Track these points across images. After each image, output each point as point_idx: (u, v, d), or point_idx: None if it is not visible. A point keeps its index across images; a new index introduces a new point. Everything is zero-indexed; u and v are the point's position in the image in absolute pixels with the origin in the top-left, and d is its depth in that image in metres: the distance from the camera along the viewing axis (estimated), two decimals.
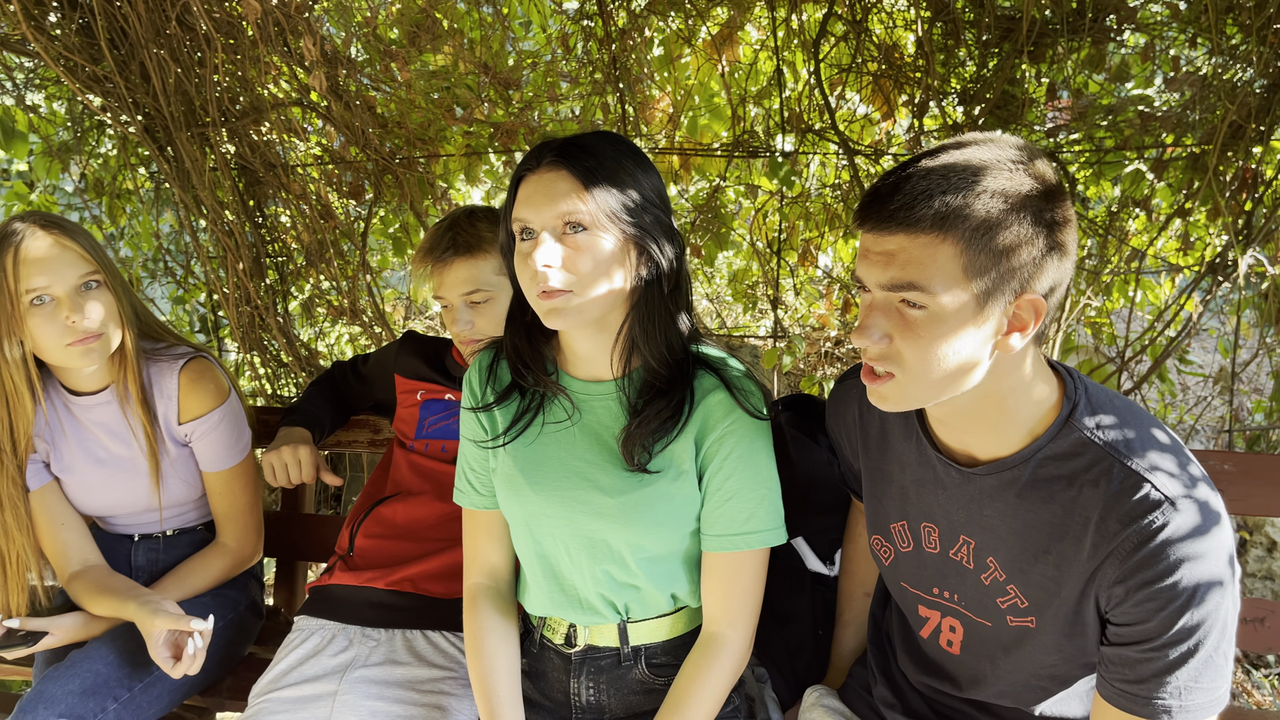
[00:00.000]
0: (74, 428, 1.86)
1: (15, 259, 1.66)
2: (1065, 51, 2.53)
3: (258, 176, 3.19)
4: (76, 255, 1.71)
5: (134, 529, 1.99)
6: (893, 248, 1.10)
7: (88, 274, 1.72)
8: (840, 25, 2.81)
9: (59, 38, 2.80)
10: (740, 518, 1.40)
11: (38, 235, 1.68)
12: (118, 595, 1.75)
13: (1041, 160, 1.11)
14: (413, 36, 2.99)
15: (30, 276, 1.66)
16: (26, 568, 1.83)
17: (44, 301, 1.68)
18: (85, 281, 1.72)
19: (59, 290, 1.68)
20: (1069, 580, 1.19)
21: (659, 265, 1.34)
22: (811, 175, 3.30)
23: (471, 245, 1.77)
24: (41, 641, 1.75)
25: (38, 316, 1.68)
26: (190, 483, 1.94)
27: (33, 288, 1.67)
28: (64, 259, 1.69)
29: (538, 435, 1.47)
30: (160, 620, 1.66)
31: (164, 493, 1.91)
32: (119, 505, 1.92)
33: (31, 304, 1.68)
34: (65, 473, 1.87)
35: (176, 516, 1.99)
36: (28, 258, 1.66)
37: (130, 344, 1.80)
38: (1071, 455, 1.17)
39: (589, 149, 1.31)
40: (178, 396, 1.86)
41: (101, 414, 1.85)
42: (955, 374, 1.13)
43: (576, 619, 1.50)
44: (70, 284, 1.69)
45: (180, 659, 1.65)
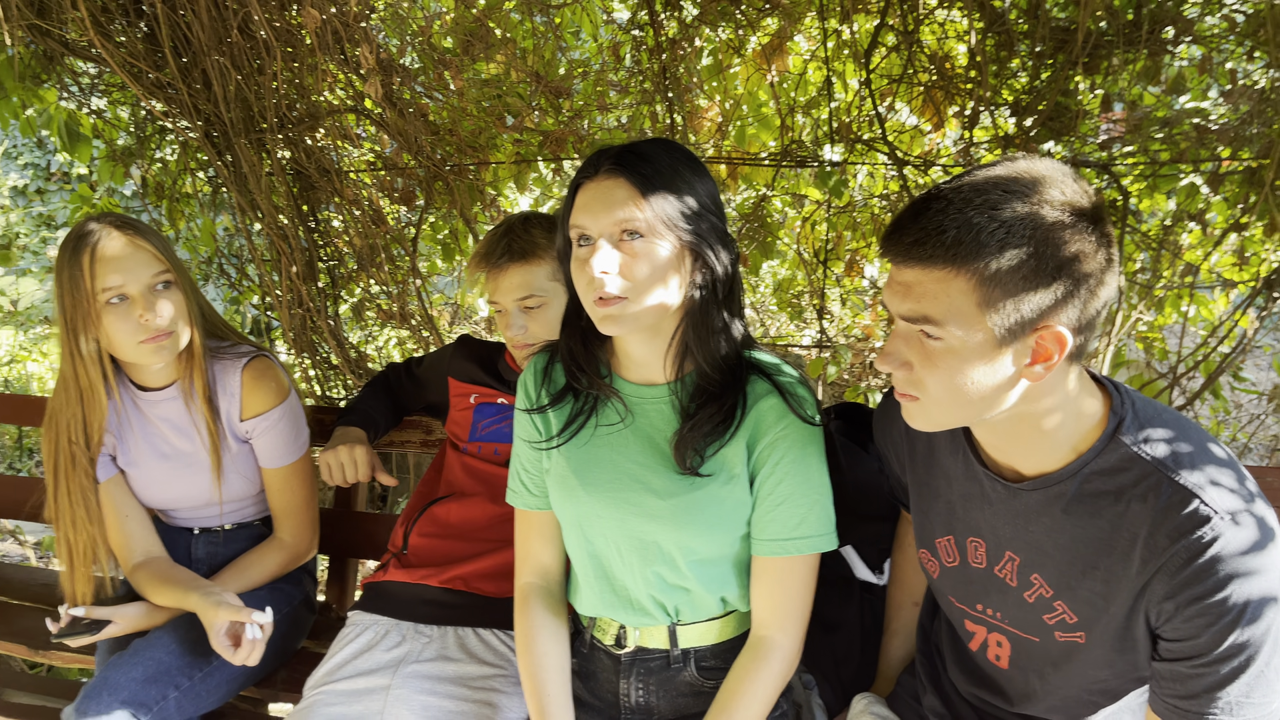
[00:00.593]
0: (140, 422, 1.91)
1: (92, 258, 1.71)
2: (1120, 63, 2.51)
3: (312, 182, 3.25)
4: (150, 255, 1.76)
5: (194, 522, 2.04)
6: (910, 280, 1.11)
7: (160, 273, 1.77)
8: (891, 36, 2.81)
9: (124, 44, 2.87)
10: (791, 523, 1.41)
11: (113, 235, 1.73)
12: (180, 586, 1.80)
13: (1071, 186, 1.09)
14: (466, 45, 3.04)
15: (106, 275, 1.71)
16: (94, 559, 1.88)
17: (119, 300, 1.73)
18: (158, 281, 1.77)
19: (133, 289, 1.73)
20: (1118, 596, 1.18)
21: (714, 271, 1.36)
22: (859, 185, 3.30)
23: (526, 251, 1.80)
24: (105, 630, 1.80)
25: (113, 314, 1.73)
26: (250, 479, 1.99)
27: (109, 286, 1.72)
28: (138, 259, 1.74)
29: (591, 437, 1.49)
30: (222, 611, 1.70)
31: (224, 488, 1.95)
32: (181, 499, 1.97)
33: (107, 302, 1.73)
34: (131, 466, 1.92)
35: (236, 511, 2.04)
36: (104, 257, 1.71)
37: (197, 342, 1.85)
38: (1118, 470, 1.17)
39: (646, 156, 1.33)
40: (240, 394, 1.90)
41: (167, 409, 1.90)
42: (979, 401, 1.14)
43: (627, 620, 1.51)
44: (144, 283, 1.74)
45: (240, 648, 1.69)
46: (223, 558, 2.03)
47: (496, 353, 2.05)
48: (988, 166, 1.12)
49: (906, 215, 1.12)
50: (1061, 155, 2.64)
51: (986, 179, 1.09)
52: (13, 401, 2.63)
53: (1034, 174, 1.09)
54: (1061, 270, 1.06)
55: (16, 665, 2.80)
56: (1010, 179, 1.08)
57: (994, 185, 1.08)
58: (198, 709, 1.76)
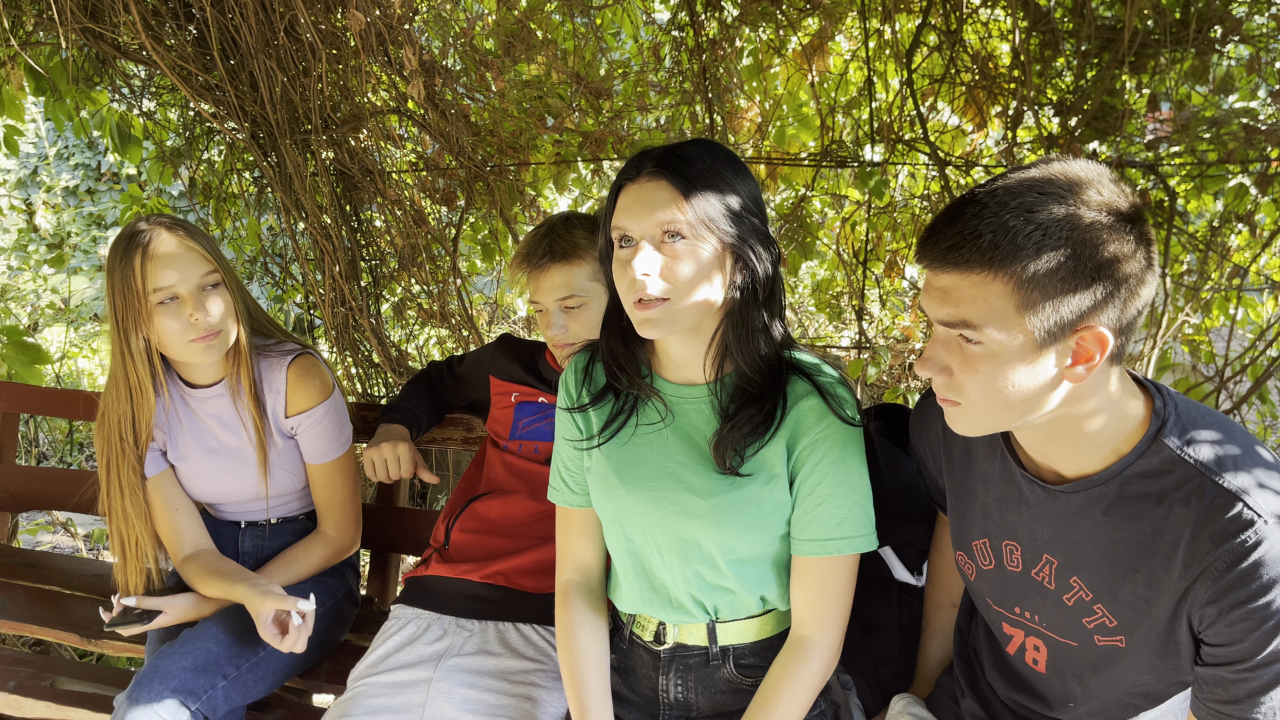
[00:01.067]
0: (189, 419, 1.95)
1: (144, 258, 1.75)
2: (1168, 62, 2.48)
3: (355, 182, 3.30)
4: (199, 255, 1.79)
5: (241, 516, 2.08)
6: (947, 285, 1.11)
7: (209, 273, 1.80)
8: (934, 35, 2.79)
9: (174, 48, 2.93)
10: (831, 523, 1.41)
11: (164, 236, 1.77)
12: (227, 578, 1.84)
13: (1109, 187, 1.08)
14: (508, 46, 3.06)
15: (158, 275, 1.75)
16: (143, 552, 1.92)
17: (170, 300, 1.77)
18: (207, 281, 1.80)
19: (184, 289, 1.77)
20: (1160, 600, 1.17)
21: (755, 272, 1.36)
22: (900, 186, 3.28)
23: (567, 252, 1.81)
24: (155, 620, 1.85)
25: (163, 314, 1.77)
26: (295, 474, 2.03)
27: (160, 286, 1.75)
28: (189, 259, 1.78)
29: (631, 436, 1.50)
30: (269, 601, 1.74)
31: (271, 482, 1.99)
32: (229, 493, 2.01)
33: (159, 302, 1.77)
34: (180, 461, 1.96)
35: (281, 505, 2.08)
36: (155, 257, 1.75)
37: (244, 340, 1.89)
38: (1160, 473, 1.16)
39: (688, 158, 1.34)
40: (286, 391, 1.94)
41: (215, 406, 1.94)
42: (1021, 404, 1.13)
43: (666, 617, 1.52)
44: (194, 283, 1.78)
45: (286, 635, 1.73)
46: (269, 551, 2.07)
47: (537, 352, 2.07)
48: (1023, 169, 1.11)
49: (941, 220, 1.12)
50: (1107, 156, 2.61)
51: (1021, 181, 1.09)
52: (63, 396, 2.70)
53: (1069, 175, 1.09)
54: (1100, 271, 1.06)
55: (69, 654, 2.87)
56: (1045, 181, 1.08)
57: (1029, 188, 1.07)
58: (244, 698, 1.80)
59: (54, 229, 9.94)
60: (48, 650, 2.93)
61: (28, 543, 4.28)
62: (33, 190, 10.20)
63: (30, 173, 10.23)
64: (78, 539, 4.31)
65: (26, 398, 2.71)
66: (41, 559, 2.55)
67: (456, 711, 1.60)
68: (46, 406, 2.70)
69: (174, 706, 1.66)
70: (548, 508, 1.84)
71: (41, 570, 2.48)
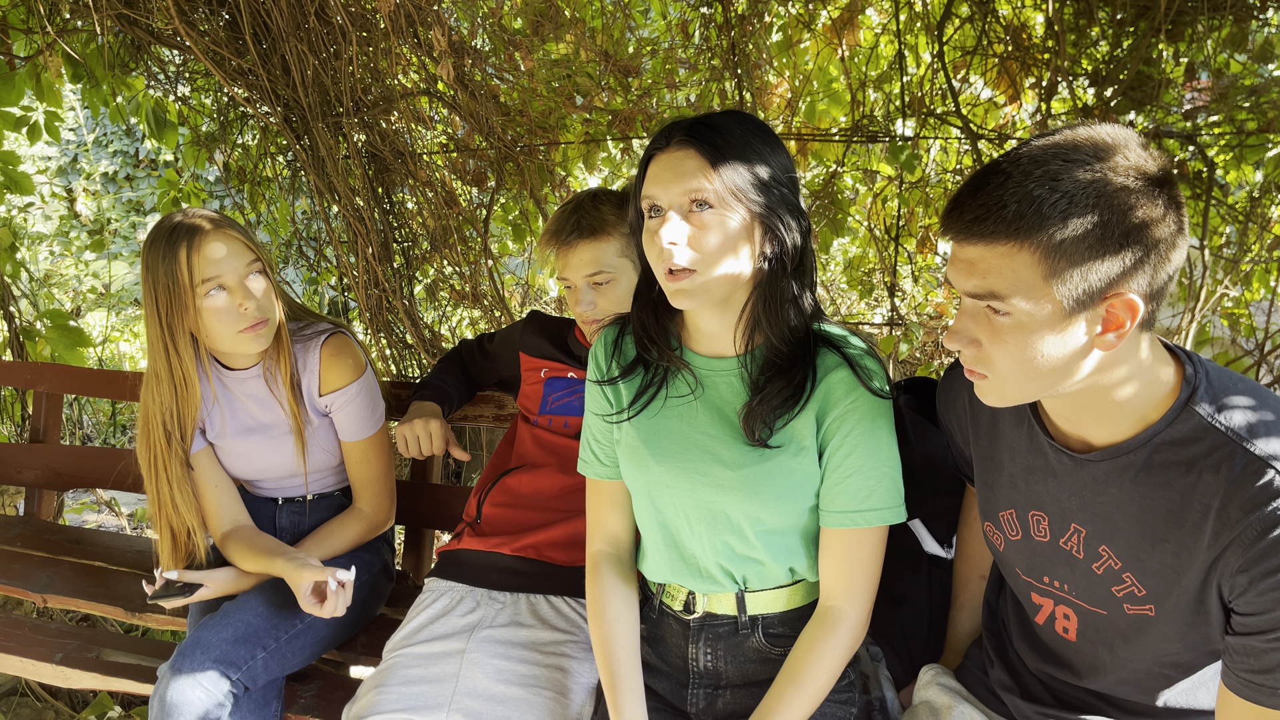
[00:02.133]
0: (227, 399, 1.99)
1: (189, 250, 1.77)
2: (1205, 30, 2.43)
3: (386, 164, 3.32)
4: (242, 245, 1.82)
5: (279, 493, 2.12)
6: (973, 256, 1.10)
7: (252, 262, 1.83)
8: (966, 6, 2.76)
9: (207, 33, 2.97)
10: (860, 495, 1.41)
11: (206, 229, 1.79)
12: (267, 553, 1.88)
13: (1136, 151, 1.07)
14: (536, 26, 3.06)
15: (205, 267, 1.77)
16: (195, 541, 1.96)
17: (218, 291, 1.79)
18: (250, 270, 1.83)
19: (231, 279, 1.80)
20: (1189, 568, 1.17)
21: (784, 243, 1.36)
22: (932, 160, 3.25)
23: (595, 228, 1.82)
24: (197, 593, 1.89)
25: (212, 305, 1.80)
26: (330, 451, 2.06)
27: (208, 277, 1.78)
28: (234, 248, 1.81)
29: (661, 408, 1.51)
30: (307, 574, 1.78)
31: (308, 460, 2.03)
32: (266, 470, 2.05)
33: (207, 294, 1.79)
34: (219, 439, 2.00)
35: (318, 481, 2.11)
36: (201, 250, 1.77)
37: (283, 323, 1.93)
38: (1190, 441, 1.15)
39: (718, 128, 1.34)
40: (319, 370, 1.97)
41: (251, 387, 1.98)
42: (1050, 374, 1.13)
43: (695, 586, 1.53)
44: (240, 272, 1.81)
45: (325, 603, 1.77)
46: (306, 526, 2.10)
47: (566, 328, 2.08)
48: (1046, 134, 1.10)
49: (965, 191, 1.11)
50: (1144, 126, 2.57)
51: (1045, 149, 1.07)
52: (105, 377, 2.75)
53: (1095, 140, 1.07)
54: (1129, 237, 1.05)
55: (114, 627, 2.94)
56: (1070, 147, 1.07)
57: (1053, 155, 1.06)
58: (284, 668, 1.84)
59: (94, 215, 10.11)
60: (94, 624, 3.00)
61: (73, 521, 4.38)
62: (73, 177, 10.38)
63: (70, 160, 10.40)
64: (121, 517, 4.40)
65: (69, 379, 2.77)
66: (87, 535, 2.62)
67: (489, 682, 1.62)
68: (89, 387, 2.76)
69: (215, 676, 1.70)
70: (577, 481, 1.86)
71: (87, 547, 2.54)
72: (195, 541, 1.97)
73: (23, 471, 2.77)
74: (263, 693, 1.82)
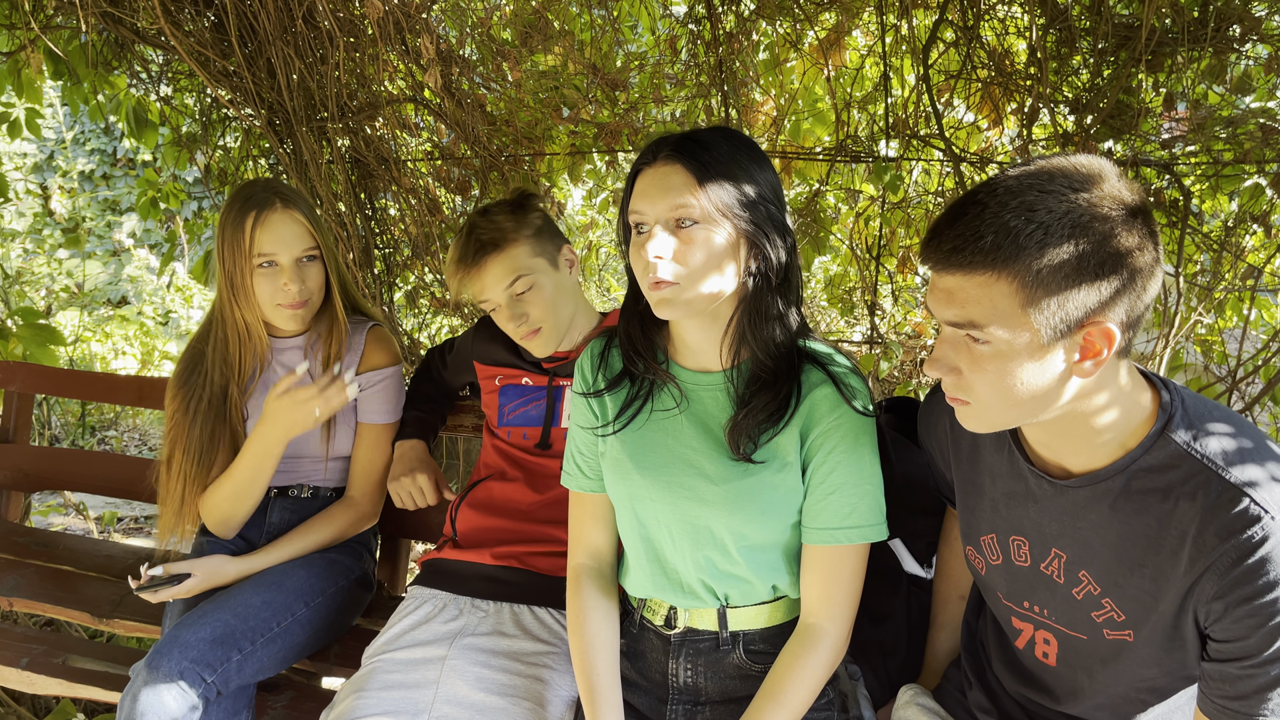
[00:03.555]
0: (265, 364, 2.06)
1: (255, 223, 1.89)
2: (1185, 61, 2.47)
3: (370, 170, 3.31)
4: (304, 230, 1.93)
5: (284, 478, 2.12)
6: (951, 286, 1.11)
7: (310, 248, 1.95)
8: (951, 31, 2.79)
9: (192, 33, 2.95)
10: (842, 512, 1.42)
11: (276, 208, 1.90)
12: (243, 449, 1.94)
13: (1111, 182, 1.08)
14: (525, 37, 3.07)
15: (263, 243, 1.89)
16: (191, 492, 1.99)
17: (269, 265, 1.91)
18: (305, 254, 1.94)
19: (284, 259, 1.92)
20: (1166, 594, 1.18)
21: (770, 260, 1.37)
22: (914, 181, 3.28)
23: (497, 240, 1.81)
24: (184, 583, 1.88)
25: (261, 276, 1.92)
26: (343, 441, 2.11)
27: (263, 252, 1.90)
28: (294, 231, 1.92)
29: (646, 421, 1.51)
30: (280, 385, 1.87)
31: (332, 440, 2.08)
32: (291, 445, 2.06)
33: (258, 265, 1.91)
34: (250, 401, 2.05)
35: (332, 471, 2.14)
36: (265, 225, 1.89)
37: (339, 306, 2.02)
38: (1167, 468, 1.16)
39: (705, 144, 1.34)
40: (363, 350, 2.07)
41: (290, 357, 2.07)
42: (1030, 401, 1.14)
43: (677, 602, 1.53)
44: (294, 254, 1.92)
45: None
46: (294, 524, 2.09)
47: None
48: (1023, 164, 1.11)
49: (943, 221, 1.12)
50: (1122, 154, 2.61)
51: (1021, 179, 1.08)
52: (78, 378, 2.72)
53: (1070, 170, 1.08)
54: (1106, 266, 1.06)
55: (79, 633, 2.90)
56: (1046, 177, 1.08)
57: (1029, 185, 1.07)
58: (256, 673, 1.81)
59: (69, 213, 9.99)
60: (58, 628, 2.95)
61: (39, 524, 4.31)
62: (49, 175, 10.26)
63: (47, 157, 10.29)
64: (89, 520, 4.34)
65: (41, 378, 2.73)
66: (54, 539, 2.58)
67: (469, 689, 1.61)
68: (61, 387, 2.72)
69: (192, 677, 1.68)
70: (551, 496, 1.86)
71: (54, 550, 2.50)
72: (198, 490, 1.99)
73: None
74: (233, 700, 1.80)
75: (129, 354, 6.77)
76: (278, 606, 1.86)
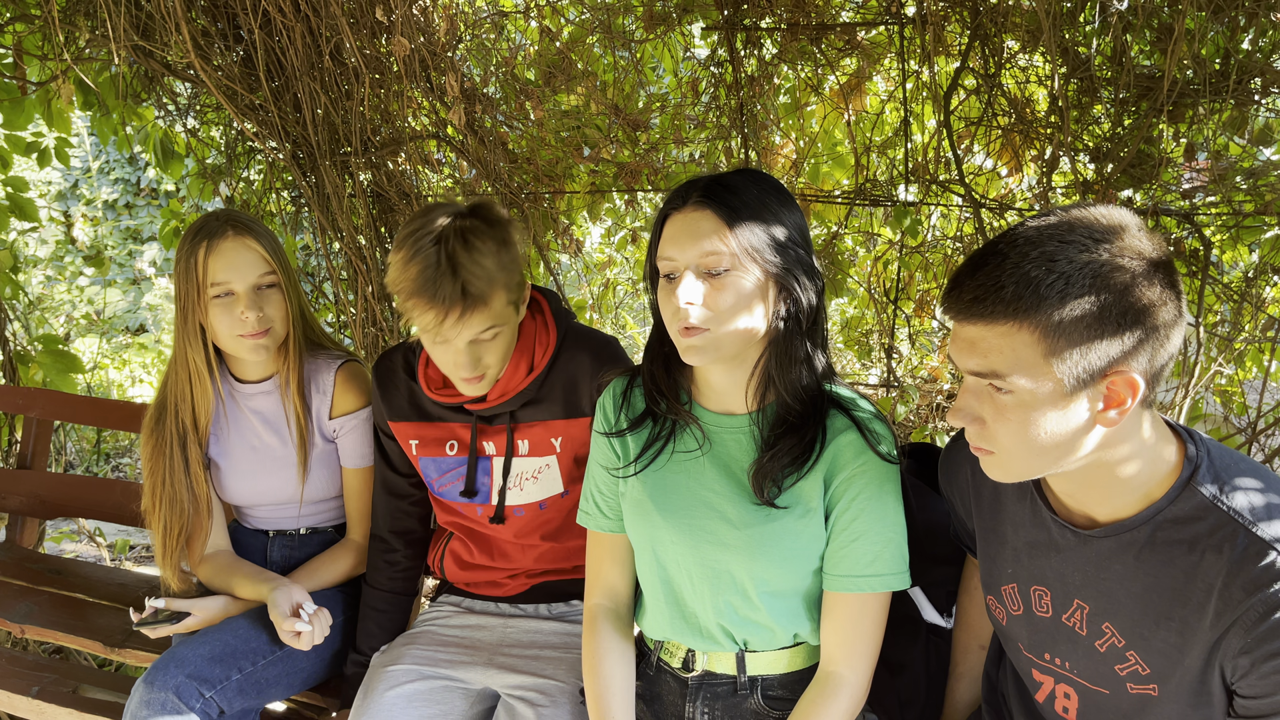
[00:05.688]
0: (234, 414, 2.00)
1: (206, 252, 1.83)
2: (1206, 113, 2.48)
3: (391, 204, 3.33)
4: (258, 257, 1.86)
5: (272, 524, 2.11)
6: (973, 336, 1.12)
7: (266, 274, 1.87)
8: (971, 78, 2.81)
9: (221, 68, 2.99)
10: (865, 559, 1.41)
11: (229, 235, 1.84)
12: (249, 578, 1.89)
13: (1133, 234, 1.09)
14: (548, 77, 3.11)
15: (216, 272, 1.83)
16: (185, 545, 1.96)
17: (225, 295, 1.84)
18: (263, 282, 1.86)
19: (239, 287, 1.84)
20: (1193, 648, 1.16)
21: (799, 302, 1.37)
22: (932, 226, 3.29)
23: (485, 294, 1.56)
24: (184, 621, 1.87)
25: (217, 308, 1.84)
26: (329, 482, 2.06)
27: (217, 282, 1.83)
28: (247, 258, 1.85)
29: (667, 462, 1.50)
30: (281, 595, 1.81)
31: (307, 486, 2.03)
32: (264, 494, 2.05)
33: (214, 296, 1.83)
34: (221, 456, 2.01)
35: (312, 514, 2.10)
36: (217, 254, 1.83)
37: (295, 341, 1.94)
38: (1192, 519, 1.15)
39: (733, 188, 1.35)
40: (333, 393, 1.99)
41: (260, 403, 2.00)
42: (1054, 450, 1.14)
43: (695, 645, 1.52)
44: (249, 282, 1.85)
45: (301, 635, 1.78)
46: (296, 561, 2.09)
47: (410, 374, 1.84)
48: (1043, 216, 1.12)
49: (964, 271, 1.13)
50: (1142, 203, 2.61)
51: (1041, 229, 1.09)
52: (98, 405, 2.73)
53: (1091, 221, 1.09)
54: (1127, 318, 1.06)
55: (87, 661, 2.89)
56: (1066, 228, 1.09)
57: (1049, 236, 1.08)
58: (259, 696, 1.80)
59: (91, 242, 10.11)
60: (66, 656, 2.95)
61: (51, 550, 4.31)
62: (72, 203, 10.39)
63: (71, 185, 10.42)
64: (102, 548, 4.34)
65: (62, 405, 2.74)
66: (67, 566, 2.58)
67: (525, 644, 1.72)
68: (81, 414, 2.73)
69: (188, 691, 1.68)
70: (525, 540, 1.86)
71: (67, 577, 2.50)
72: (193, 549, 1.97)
73: (7, 498, 2.73)
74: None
75: (146, 382, 6.81)
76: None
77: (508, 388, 1.72)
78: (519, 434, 1.76)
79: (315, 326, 2.05)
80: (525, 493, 1.79)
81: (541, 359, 1.73)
